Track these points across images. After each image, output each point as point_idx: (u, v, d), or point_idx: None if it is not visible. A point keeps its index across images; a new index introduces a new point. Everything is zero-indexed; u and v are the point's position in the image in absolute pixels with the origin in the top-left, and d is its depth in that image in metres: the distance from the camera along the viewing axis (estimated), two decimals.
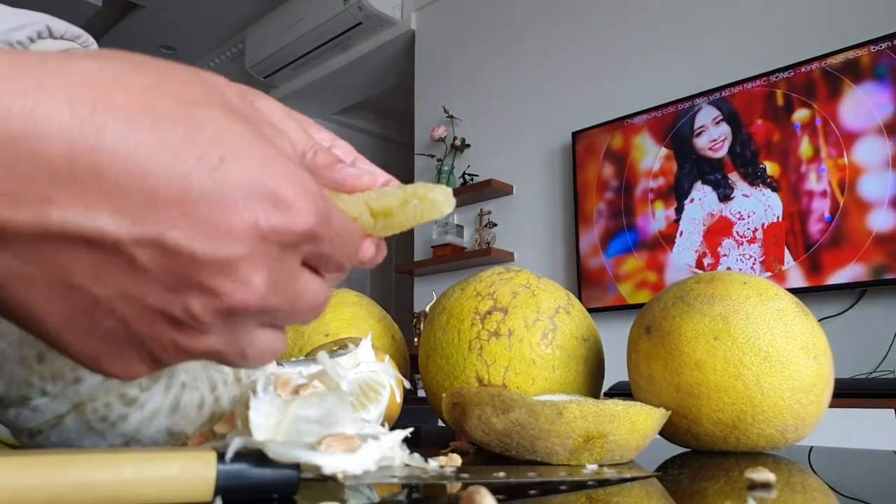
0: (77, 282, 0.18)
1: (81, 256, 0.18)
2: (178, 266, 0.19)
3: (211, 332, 0.20)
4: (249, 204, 0.19)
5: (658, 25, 2.25)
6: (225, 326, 0.21)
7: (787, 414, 0.41)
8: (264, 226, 0.19)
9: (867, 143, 1.72)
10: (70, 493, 0.21)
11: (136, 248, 0.18)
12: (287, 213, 0.20)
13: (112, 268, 0.18)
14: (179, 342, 0.20)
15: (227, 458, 0.23)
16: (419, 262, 2.81)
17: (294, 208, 0.20)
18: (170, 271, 0.19)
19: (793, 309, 0.43)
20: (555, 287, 0.54)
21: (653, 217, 2.11)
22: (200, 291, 0.19)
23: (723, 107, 1.99)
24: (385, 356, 0.43)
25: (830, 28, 1.87)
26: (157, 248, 0.18)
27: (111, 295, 0.19)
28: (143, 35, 3.81)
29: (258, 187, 0.19)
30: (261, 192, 0.19)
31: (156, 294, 0.19)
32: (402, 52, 3.28)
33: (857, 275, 1.69)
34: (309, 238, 0.21)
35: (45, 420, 0.28)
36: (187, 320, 0.20)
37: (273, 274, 0.20)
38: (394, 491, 0.29)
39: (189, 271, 0.19)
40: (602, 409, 0.36)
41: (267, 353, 0.23)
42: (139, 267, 0.19)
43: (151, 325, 0.20)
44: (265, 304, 0.20)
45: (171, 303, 0.19)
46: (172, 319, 0.20)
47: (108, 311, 0.19)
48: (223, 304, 0.20)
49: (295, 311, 0.22)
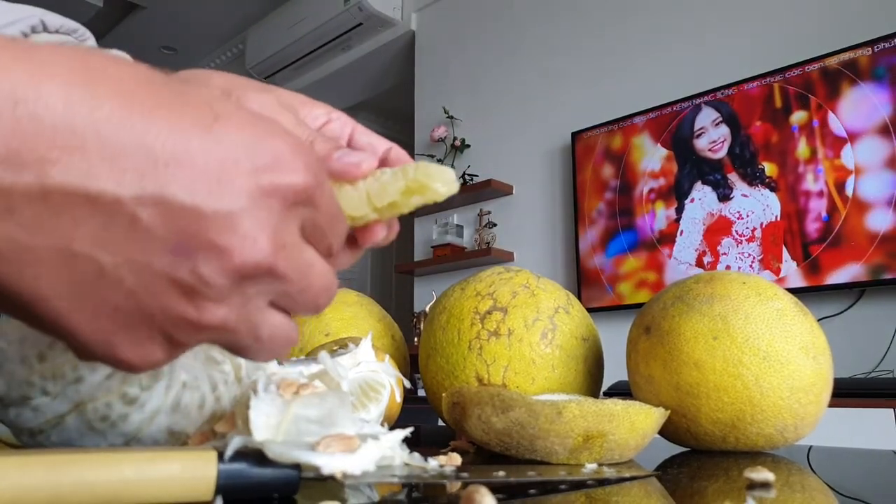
0: (80, 248, 0.18)
1: (84, 220, 0.18)
2: (181, 223, 0.18)
3: (222, 299, 0.20)
4: (248, 158, 0.20)
5: (658, 26, 2.25)
6: (236, 293, 0.20)
7: (787, 413, 0.41)
8: (264, 181, 0.20)
9: (866, 144, 1.73)
10: (71, 493, 0.21)
11: (138, 206, 0.18)
12: (284, 169, 0.20)
13: (115, 231, 0.18)
14: (191, 315, 0.20)
15: (227, 457, 0.23)
16: (419, 262, 2.81)
17: (291, 165, 0.20)
18: (174, 230, 0.18)
19: (792, 309, 0.43)
20: (554, 287, 0.54)
21: (653, 216, 2.11)
22: (208, 251, 0.19)
23: (722, 109, 2.00)
24: (385, 356, 0.43)
25: (830, 29, 1.87)
26: (159, 206, 0.18)
27: (117, 261, 0.18)
28: (144, 35, 3.81)
29: (255, 144, 0.20)
30: (257, 149, 0.20)
31: (162, 258, 0.19)
32: (403, 52, 3.28)
33: (856, 274, 1.69)
34: (306, 197, 0.21)
35: (46, 420, 0.28)
36: (197, 284, 0.19)
37: (278, 232, 0.20)
38: (394, 490, 0.29)
39: (193, 228, 0.19)
40: (601, 408, 0.36)
41: (279, 338, 0.22)
42: (142, 227, 0.18)
43: (161, 297, 0.19)
44: (274, 264, 0.20)
45: (179, 267, 0.19)
46: (182, 287, 0.19)
47: (115, 281, 0.19)
48: (232, 263, 0.19)
49: (307, 286, 0.22)
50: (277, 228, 0.20)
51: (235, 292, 0.20)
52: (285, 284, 0.21)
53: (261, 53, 3.54)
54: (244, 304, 0.21)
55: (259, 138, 0.20)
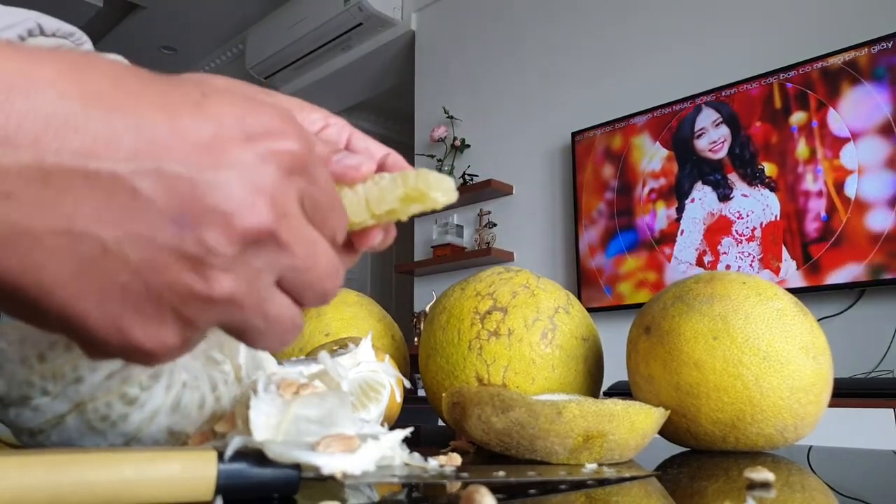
0: (82, 227, 0.18)
1: (84, 199, 0.18)
2: (181, 193, 0.19)
3: (229, 268, 0.20)
4: (240, 129, 0.20)
5: (658, 26, 2.25)
6: (241, 263, 0.20)
7: (787, 413, 0.41)
8: (259, 147, 0.20)
9: (865, 144, 1.73)
10: (71, 493, 0.21)
11: (136, 178, 0.18)
12: (277, 136, 0.21)
13: (116, 206, 0.18)
14: (198, 289, 0.19)
15: (227, 457, 0.23)
16: (419, 262, 2.81)
17: (283, 132, 0.21)
18: (175, 200, 0.18)
19: (792, 309, 0.43)
20: (554, 287, 0.54)
21: (654, 216, 2.11)
22: (210, 219, 0.19)
23: (722, 109, 2.00)
24: (385, 356, 0.43)
25: (830, 29, 1.87)
26: (157, 177, 0.18)
27: (119, 237, 0.18)
28: (144, 36, 3.81)
29: (245, 116, 0.20)
30: (248, 120, 0.20)
31: (165, 231, 0.19)
32: (403, 52, 3.28)
33: (856, 274, 1.69)
34: (301, 165, 0.21)
35: (46, 420, 0.28)
36: (202, 253, 0.19)
37: (276, 199, 0.20)
38: (394, 490, 0.29)
39: (194, 197, 0.19)
40: (601, 408, 0.36)
41: (286, 320, 0.22)
42: (143, 198, 0.18)
43: (167, 272, 0.19)
44: (276, 230, 0.20)
45: (184, 238, 0.19)
46: (188, 258, 0.19)
47: (119, 259, 0.18)
48: (234, 229, 0.19)
49: (313, 265, 0.22)
50: (276, 194, 0.20)
51: (241, 262, 0.20)
52: (291, 258, 0.21)
53: (261, 53, 3.54)
54: (252, 277, 0.20)
55: (249, 111, 0.21)
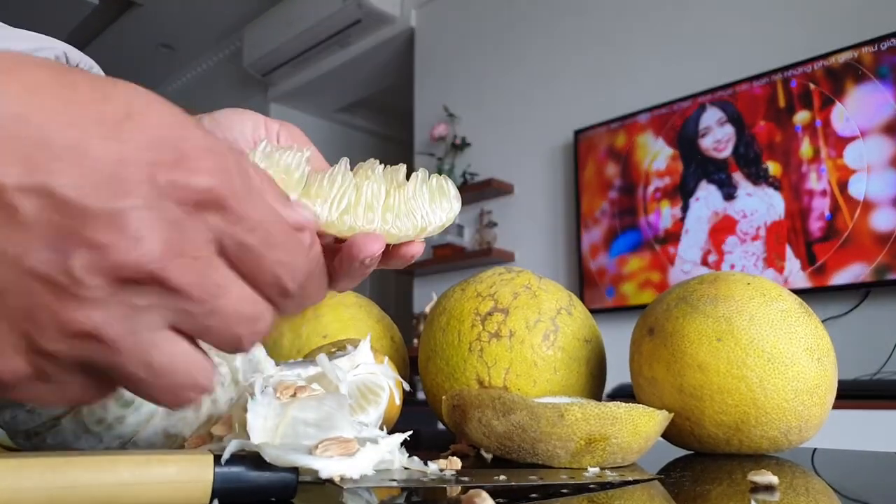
0: None
1: None
2: (63, 218, 0.17)
3: (96, 301, 0.18)
4: (148, 157, 0.18)
5: (661, 23, 2.25)
6: (116, 299, 0.18)
7: (791, 416, 0.41)
8: (160, 179, 0.18)
9: (869, 143, 1.72)
10: (66, 496, 0.21)
11: (20, 196, 0.17)
12: (187, 167, 0.19)
13: None
14: (61, 316, 0.18)
15: (223, 460, 0.23)
16: (419, 263, 2.80)
17: (196, 163, 0.19)
18: (54, 225, 0.17)
19: (796, 310, 0.43)
20: (556, 288, 0.54)
21: (659, 215, 2.11)
22: (83, 247, 0.17)
23: (727, 108, 2.00)
24: (384, 358, 0.43)
25: (831, 28, 1.87)
26: (43, 198, 0.17)
27: None
28: (141, 33, 3.81)
29: (160, 142, 0.19)
30: (162, 147, 0.19)
31: (36, 253, 0.17)
32: (402, 49, 3.27)
33: (860, 275, 1.69)
34: (214, 203, 0.19)
35: (42, 422, 0.27)
36: (65, 281, 0.17)
37: (172, 236, 0.18)
38: (393, 494, 0.29)
39: (75, 224, 0.17)
40: (604, 411, 0.36)
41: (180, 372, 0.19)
42: (20, 219, 0.17)
43: (26, 295, 0.17)
44: (162, 271, 0.18)
45: (51, 262, 0.17)
46: (50, 284, 0.17)
47: None
48: (107, 260, 0.17)
49: (215, 310, 0.19)
50: (173, 231, 0.18)
51: (115, 299, 0.18)
52: (184, 302, 0.19)
53: (258, 51, 3.53)
54: (129, 315, 0.18)
55: (169, 135, 0.19)
